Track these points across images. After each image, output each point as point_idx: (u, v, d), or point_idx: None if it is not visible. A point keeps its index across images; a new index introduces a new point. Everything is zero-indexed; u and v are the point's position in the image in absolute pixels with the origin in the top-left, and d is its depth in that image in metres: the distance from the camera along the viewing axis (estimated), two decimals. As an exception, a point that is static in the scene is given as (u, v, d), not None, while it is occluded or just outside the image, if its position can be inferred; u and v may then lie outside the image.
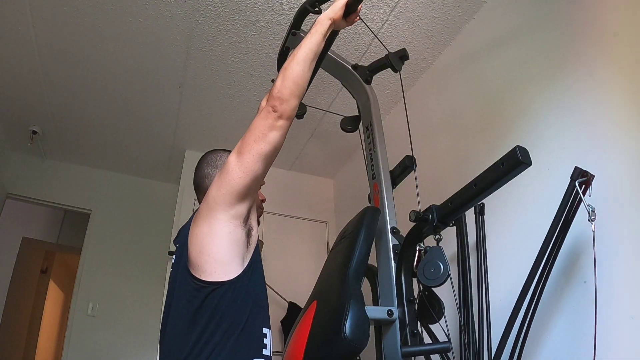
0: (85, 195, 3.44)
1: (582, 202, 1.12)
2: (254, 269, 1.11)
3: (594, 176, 1.14)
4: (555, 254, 1.20)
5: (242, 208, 1.06)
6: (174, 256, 1.20)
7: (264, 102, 1.08)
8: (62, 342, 3.19)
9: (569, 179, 1.16)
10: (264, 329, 1.10)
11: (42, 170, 3.37)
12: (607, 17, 1.42)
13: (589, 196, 1.14)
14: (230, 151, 1.14)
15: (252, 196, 1.09)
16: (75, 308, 3.14)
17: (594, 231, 1.11)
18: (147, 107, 2.77)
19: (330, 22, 1.16)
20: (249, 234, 1.10)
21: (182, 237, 1.14)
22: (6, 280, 3.74)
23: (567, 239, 1.20)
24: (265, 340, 1.09)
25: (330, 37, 1.31)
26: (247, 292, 1.06)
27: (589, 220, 1.09)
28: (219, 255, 1.03)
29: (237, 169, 1.02)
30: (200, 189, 1.27)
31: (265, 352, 1.07)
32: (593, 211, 1.09)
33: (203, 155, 1.32)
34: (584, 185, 1.13)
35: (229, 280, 1.02)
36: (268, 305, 1.18)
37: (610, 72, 1.37)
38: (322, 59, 1.49)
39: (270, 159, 1.06)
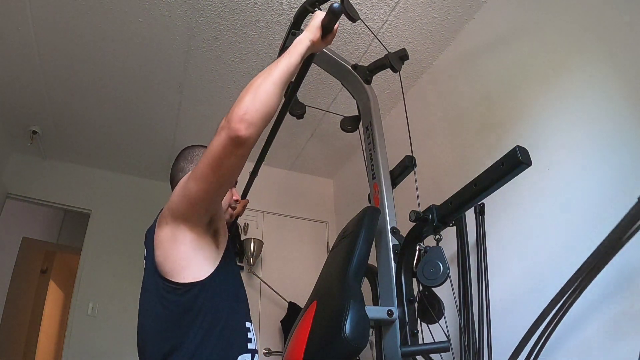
0: (85, 195, 3.44)
1: None
2: (228, 265, 1.10)
3: None
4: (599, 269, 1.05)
5: (204, 218, 1.04)
6: (144, 260, 1.17)
7: (224, 121, 0.94)
8: (62, 342, 3.19)
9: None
10: (246, 323, 1.09)
11: (42, 170, 3.37)
12: (607, 16, 1.42)
13: None
14: (205, 147, 1.12)
15: (214, 208, 1.06)
16: (75, 308, 3.14)
17: None
18: (147, 107, 2.77)
19: (310, 43, 1.07)
20: (215, 235, 1.08)
21: (149, 241, 1.11)
22: (6, 280, 3.74)
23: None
24: (249, 334, 1.09)
25: (307, 60, 1.25)
26: (222, 289, 1.05)
27: None
28: (184, 260, 1.01)
29: (195, 191, 0.97)
30: (174, 182, 1.26)
31: (251, 345, 1.07)
32: None
33: (181, 150, 1.32)
34: None
35: (202, 281, 1.01)
36: (247, 299, 1.17)
37: (610, 71, 1.37)
38: (296, 83, 1.43)
39: (229, 181, 0.99)
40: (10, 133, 3.07)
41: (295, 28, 1.51)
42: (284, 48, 1.66)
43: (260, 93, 0.93)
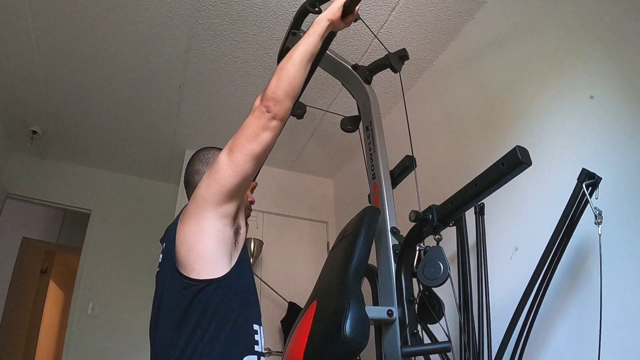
0: (85, 195, 3.44)
1: (589, 204, 1.09)
2: (242, 266, 1.10)
3: (601, 178, 1.12)
4: (560, 256, 1.19)
5: (231, 207, 1.05)
6: (160, 255, 1.18)
7: (257, 101, 1.06)
8: (62, 342, 3.19)
9: (576, 181, 1.15)
10: (254, 325, 1.10)
11: (42, 170, 3.37)
12: (606, 16, 1.42)
13: (596, 199, 1.12)
14: (219, 149, 1.15)
15: (241, 196, 1.08)
16: (75, 308, 3.14)
17: (600, 235, 1.08)
18: (147, 107, 2.77)
19: (328, 22, 1.15)
20: (237, 233, 1.10)
21: (169, 236, 1.13)
22: (6, 280, 3.74)
23: (572, 240, 1.19)
24: (257, 337, 1.09)
25: (328, 38, 1.30)
26: (236, 290, 1.06)
27: (595, 223, 1.07)
28: (207, 253, 1.03)
29: (227, 168, 1.01)
30: (190, 185, 1.27)
31: (257, 348, 1.07)
32: (600, 214, 1.07)
33: (195, 152, 1.32)
34: (590, 188, 1.11)
35: (218, 278, 1.02)
36: (258, 302, 1.18)
37: (610, 71, 1.37)
38: (319, 60, 1.49)
39: (261, 159, 1.05)
40: (10, 133, 3.07)
41: (296, 28, 1.51)
42: (284, 48, 1.66)
43: (284, 75, 1.05)
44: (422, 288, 1.26)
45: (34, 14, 2.09)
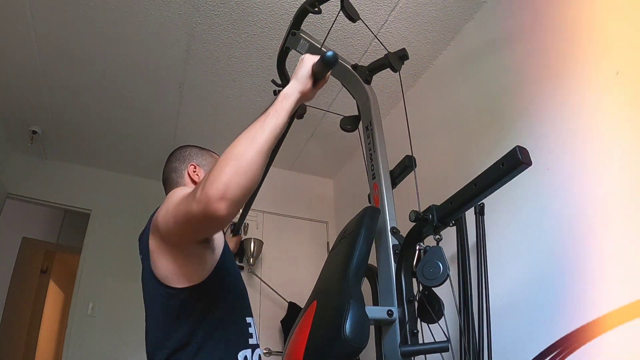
0: (85, 195, 3.44)
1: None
2: (226, 259, 1.09)
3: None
4: None
5: (191, 242, 1.00)
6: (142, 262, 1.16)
7: (200, 191, 0.79)
8: (62, 342, 3.19)
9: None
10: (247, 318, 1.10)
11: (42, 170, 3.37)
12: (606, 17, 1.42)
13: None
14: (197, 147, 1.23)
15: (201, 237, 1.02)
16: (75, 308, 3.14)
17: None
18: (147, 107, 2.77)
19: (299, 95, 0.94)
20: (207, 241, 1.03)
21: (144, 244, 1.10)
22: (6, 280, 3.74)
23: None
24: (250, 330, 1.10)
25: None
26: (221, 288, 1.05)
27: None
28: (179, 270, 1.00)
29: (173, 234, 0.96)
30: (168, 183, 1.29)
31: (252, 341, 1.08)
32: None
33: (173, 151, 1.36)
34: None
35: (198, 284, 1.00)
36: (247, 293, 1.18)
37: (610, 71, 1.37)
38: (281, 141, 1.28)
39: (187, 232, 0.94)
40: (10, 133, 3.07)
41: (295, 28, 1.51)
42: (283, 48, 1.66)
43: (244, 164, 0.79)
44: (422, 288, 1.26)
45: (34, 14, 2.09)
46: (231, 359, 1.02)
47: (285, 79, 1.91)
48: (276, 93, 1.92)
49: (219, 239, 1.10)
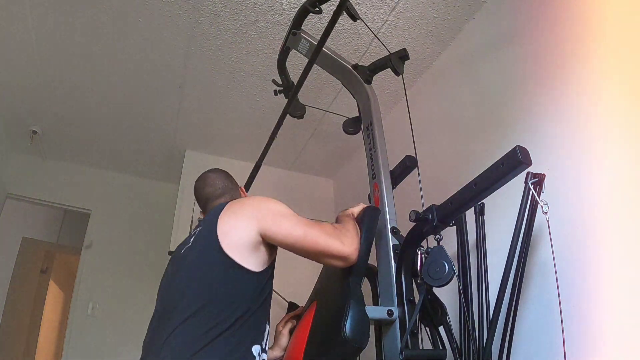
0: (85, 195, 3.44)
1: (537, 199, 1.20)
2: (272, 270, 1.22)
3: (544, 175, 1.22)
4: (527, 250, 1.30)
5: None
6: (195, 231, 1.26)
7: (341, 244, 1.19)
8: (62, 342, 3.19)
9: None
10: (266, 323, 1.16)
11: (42, 170, 3.37)
12: (606, 17, 1.42)
13: (542, 193, 1.22)
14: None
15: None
16: (75, 308, 3.14)
17: (548, 221, 1.16)
18: (147, 107, 2.77)
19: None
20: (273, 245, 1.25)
21: (212, 218, 1.19)
22: (6, 280, 3.74)
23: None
24: (265, 334, 1.14)
25: None
26: (264, 287, 1.14)
27: (543, 213, 1.15)
28: (246, 253, 1.13)
29: (290, 242, 1.24)
30: (214, 197, 1.40)
31: (264, 343, 1.12)
32: (546, 204, 1.16)
33: (214, 170, 1.47)
34: (538, 186, 1.22)
35: (257, 272, 1.12)
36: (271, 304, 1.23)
37: (610, 72, 1.37)
38: (298, 86, 1.62)
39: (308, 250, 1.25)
40: (10, 133, 3.07)
41: (296, 28, 1.52)
42: (284, 48, 1.66)
43: (357, 238, 1.24)
44: (425, 292, 1.26)
45: (34, 14, 2.09)
46: (247, 352, 1.06)
47: (285, 79, 1.91)
48: (276, 93, 1.93)
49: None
